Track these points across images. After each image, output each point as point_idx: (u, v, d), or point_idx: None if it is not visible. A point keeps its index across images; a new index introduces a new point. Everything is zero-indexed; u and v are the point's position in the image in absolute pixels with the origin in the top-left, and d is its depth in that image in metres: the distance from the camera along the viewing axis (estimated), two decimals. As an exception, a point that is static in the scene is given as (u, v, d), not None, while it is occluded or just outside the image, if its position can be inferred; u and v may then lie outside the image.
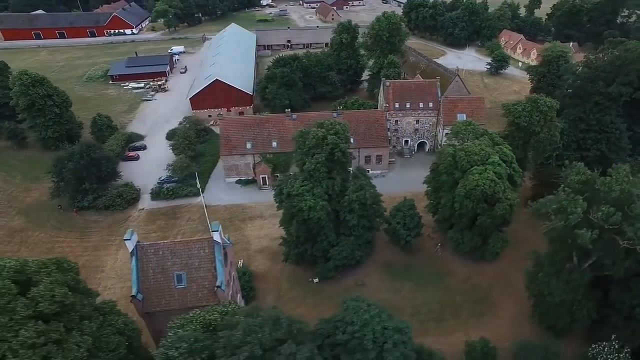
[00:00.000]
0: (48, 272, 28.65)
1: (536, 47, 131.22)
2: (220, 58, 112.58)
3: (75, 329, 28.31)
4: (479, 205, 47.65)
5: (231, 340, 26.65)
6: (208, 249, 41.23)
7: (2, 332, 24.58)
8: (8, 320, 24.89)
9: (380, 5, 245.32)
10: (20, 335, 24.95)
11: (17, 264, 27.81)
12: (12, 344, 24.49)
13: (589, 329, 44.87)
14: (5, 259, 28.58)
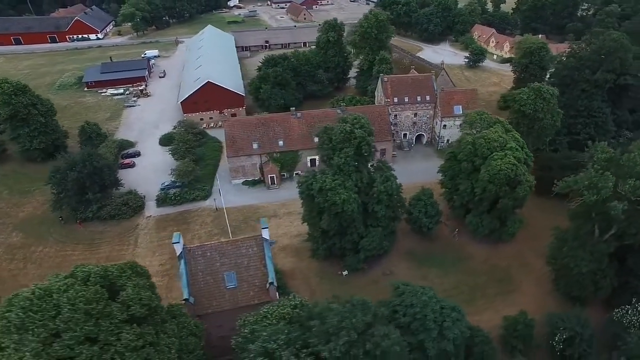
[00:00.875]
0: (128, 276, 28.43)
1: (508, 40, 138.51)
2: (205, 60, 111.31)
3: (160, 332, 28.31)
4: (502, 188, 50.76)
5: (325, 328, 27.61)
6: (257, 247, 41.77)
7: (107, 336, 24.38)
8: (109, 324, 24.72)
9: (348, 4, 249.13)
10: (122, 338, 24.87)
11: (100, 270, 27.51)
12: (117, 347, 24.37)
13: (607, 297, 48.85)
14: (87, 265, 28.13)
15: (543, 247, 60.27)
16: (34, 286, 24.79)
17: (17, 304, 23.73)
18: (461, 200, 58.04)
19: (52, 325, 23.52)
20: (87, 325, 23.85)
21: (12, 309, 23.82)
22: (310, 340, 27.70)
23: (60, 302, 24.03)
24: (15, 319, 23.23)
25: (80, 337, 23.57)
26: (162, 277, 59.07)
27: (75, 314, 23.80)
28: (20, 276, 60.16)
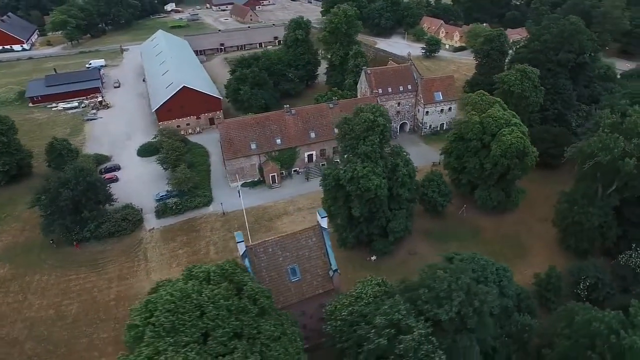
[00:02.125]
0: (241, 271, 28.39)
1: (457, 30, 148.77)
2: (170, 65, 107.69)
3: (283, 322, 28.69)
4: (513, 160, 55.90)
5: (435, 293, 29.73)
6: (316, 237, 42.72)
7: (249, 329, 24.45)
8: (248, 318, 24.80)
9: (290, 3, 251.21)
10: (263, 330, 25.11)
11: (217, 268, 27.24)
12: (262, 340, 24.58)
13: (608, 248, 55.75)
14: (200, 265, 27.74)
15: (542, 213, 67.37)
16: (167, 290, 24.17)
17: (160, 308, 23.07)
18: (469, 177, 62.69)
19: (201, 325, 23.21)
20: (232, 321, 23.82)
21: (156, 314, 23.11)
22: (424, 307, 29.68)
23: (200, 302, 23.71)
24: (166, 322, 22.63)
25: (229, 332, 23.50)
26: (188, 287, 57.22)
27: (220, 311, 23.66)
28: (24, 308, 55.40)
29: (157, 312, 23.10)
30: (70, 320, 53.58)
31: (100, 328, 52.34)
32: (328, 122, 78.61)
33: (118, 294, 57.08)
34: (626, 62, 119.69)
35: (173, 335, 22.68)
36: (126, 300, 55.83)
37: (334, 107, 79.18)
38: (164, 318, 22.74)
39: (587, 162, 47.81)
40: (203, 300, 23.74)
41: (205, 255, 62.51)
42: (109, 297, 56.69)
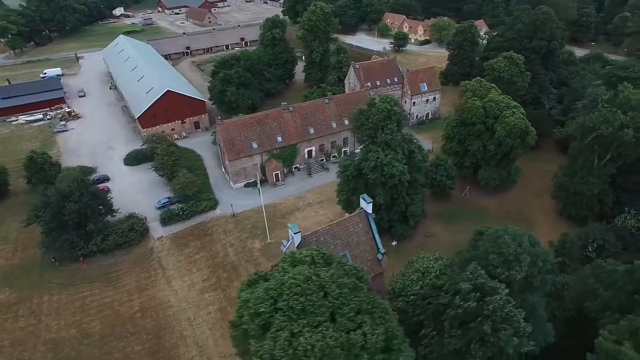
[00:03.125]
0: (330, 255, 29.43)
1: (420, 24, 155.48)
2: (145, 70, 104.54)
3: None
4: (516, 140, 60.51)
5: (504, 258, 32.50)
6: (362, 223, 44.32)
7: (366, 305, 25.70)
8: (363, 294, 26.08)
9: (245, 4, 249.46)
10: (376, 306, 26.48)
11: (317, 252, 28.13)
12: (377, 313, 25.94)
13: (602, 214, 61.82)
14: (300, 251, 28.45)
15: (536, 188, 73.26)
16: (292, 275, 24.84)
17: (287, 292, 23.76)
18: (472, 160, 66.87)
19: (328, 304, 24.15)
20: (353, 298, 25.00)
21: (284, 298, 23.75)
22: (497, 271, 32.34)
23: (322, 283, 24.65)
24: (297, 304, 23.36)
25: (354, 308, 24.66)
26: (217, 290, 56.84)
27: (342, 289, 24.75)
28: (41, 331, 52.48)
29: (284, 296, 23.76)
30: (97, 337, 51.41)
31: (132, 341, 50.71)
32: (325, 118, 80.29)
33: (142, 305, 55.40)
34: (576, 49, 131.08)
35: (304, 317, 23.50)
36: (152, 310, 54.50)
37: (330, 103, 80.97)
38: (293, 301, 23.47)
39: (589, 136, 53.11)
40: (324, 281, 24.68)
41: (225, 258, 62.05)
42: (132, 309, 54.89)
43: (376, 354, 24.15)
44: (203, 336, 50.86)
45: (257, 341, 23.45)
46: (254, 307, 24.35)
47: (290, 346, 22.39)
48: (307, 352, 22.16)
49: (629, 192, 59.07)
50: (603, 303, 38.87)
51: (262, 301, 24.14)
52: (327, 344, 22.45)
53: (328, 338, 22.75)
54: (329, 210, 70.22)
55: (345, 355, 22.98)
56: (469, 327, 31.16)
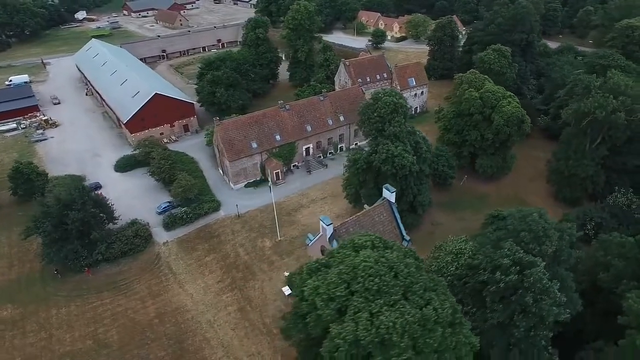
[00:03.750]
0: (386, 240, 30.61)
1: (395, 21, 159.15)
2: (127, 74, 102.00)
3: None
4: (513, 128, 63.73)
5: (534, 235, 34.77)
6: (386, 213, 45.86)
7: (428, 283, 27.02)
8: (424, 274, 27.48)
9: (214, 6, 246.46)
10: (437, 282, 27.94)
11: (375, 237, 29.21)
12: (439, 290, 27.32)
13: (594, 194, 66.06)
14: (357, 237, 29.40)
15: (528, 173, 77.30)
16: (363, 258, 25.79)
17: (362, 274, 24.71)
18: (469, 150, 69.76)
19: (400, 283, 25.30)
20: (420, 277, 26.29)
21: (358, 281, 24.66)
22: (529, 246, 34.54)
23: (390, 264, 25.78)
24: (373, 285, 24.35)
25: (423, 286, 25.93)
26: (233, 290, 56.79)
27: (409, 269, 25.96)
28: (54, 345, 50.89)
29: (358, 279, 24.69)
30: (115, 347, 50.31)
31: (153, 348, 49.98)
32: (321, 115, 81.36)
33: (157, 311, 54.57)
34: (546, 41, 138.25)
35: (379, 297, 24.52)
36: (169, 315, 53.83)
37: (325, 100, 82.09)
38: (369, 283, 24.45)
39: (583, 120, 56.84)
40: (392, 262, 25.80)
41: (237, 258, 61.95)
42: (149, 316, 53.98)
43: (446, 327, 25.50)
44: (227, 337, 50.76)
45: (337, 324, 24.24)
46: (327, 292, 25.12)
47: (373, 325, 23.36)
48: (389, 329, 23.21)
49: (617, 172, 63.51)
50: (617, 273, 41.99)
51: (337, 285, 24.97)
52: (406, 321, 23.60)
53: (406, 315, 23.89)
54: (334, 205, 71.36)
55: (422, 330, 24.19)
56: (511, 300, 33.11)
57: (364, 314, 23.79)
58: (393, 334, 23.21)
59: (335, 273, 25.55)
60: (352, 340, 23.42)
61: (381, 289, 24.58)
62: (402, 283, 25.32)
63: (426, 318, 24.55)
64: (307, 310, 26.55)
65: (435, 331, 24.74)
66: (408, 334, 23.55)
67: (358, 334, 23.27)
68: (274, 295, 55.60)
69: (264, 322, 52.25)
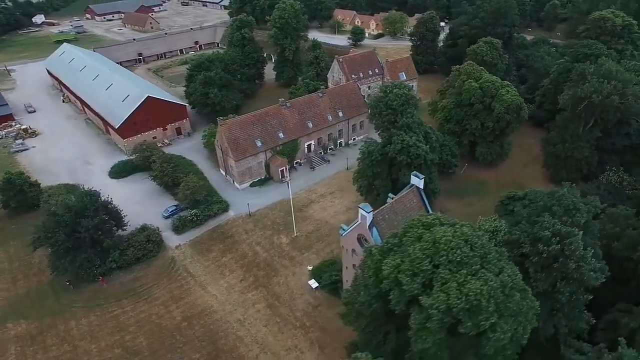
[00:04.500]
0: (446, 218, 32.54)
1: (372, 19, 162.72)
2: (112, 78, 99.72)
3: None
4: (513, 115, 67.57)
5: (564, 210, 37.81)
6: (415, 199, 47.88)
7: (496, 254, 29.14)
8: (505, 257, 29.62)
9: (183, 7, 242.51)
10: (502, 253, 30.10)
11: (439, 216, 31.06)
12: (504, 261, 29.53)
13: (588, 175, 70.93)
14: (423, 217, 31.07)
15: (522, 159, 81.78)
16: (442, 233, 27.56)
17: (445, 248, 26.43)
18: (470, 138, 73.22)
19: (476, 254, 27.21)
20: (492, 248, 28.45)
21: (440, 254, 26.37)
22: (562, 219, 37.48)
23: (465, 237, 27.72)
24: (456, 257, 26.15)
25: (496, 256, 28.06)
26: (258, 288, 57.27)
27: (481, 240, 28.00)
28: (80, 357, 49.73)
29: (441, 252, 26.39)
30: (146, 353, 49.74)
31: (186, 351, 49.74)
32: (321, 111, 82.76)
33: (183, 314, 54.21)
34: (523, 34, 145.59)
35: (462, 268, 26.35)
36: (196, 318, 53.62)
37: (323, 96, 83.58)
38: (452, 255, 26.23)
39: (580, 105, 61.31)
40: (467, 236, 27.72)
41: (255, 257, 62.30)
42: (175, 320, 53.56)
43: (517, 292, 27.71)
44: (260, 334, 51.18)
45: (426, 296, 25.86)
46: (411, 268, 26.67)
47: (462, 294, 25.15)
48: (477, 296, 25.08)
49: (607, 152, 68.57)
50: (631, 241, 45.88)
51: (421, 260, 26.55)
52: (490, 287, 25.55)
53: (489, 282, 25.84)
54: (343, 199, 72.95)
55: (503, 296, 26.24)
56: (553, 268, 35.82)
57: (452, 284, 25.52)
58: (481, 300, 25.10)
59: (418, 249, 27.10)
60: (445, 309, 25.11)
61: (462, 260, 26.41)
62: (478, 254, 27.28)
63: (504, 284, 26.61)
64: (388, 288, 27.96)
65: (513, 296, 26.85)
66: (493, 299, 25.50)
67: (450, 302, 24.99)
68: (301, 289, 56.47)
69: (295, 316, 53.04)
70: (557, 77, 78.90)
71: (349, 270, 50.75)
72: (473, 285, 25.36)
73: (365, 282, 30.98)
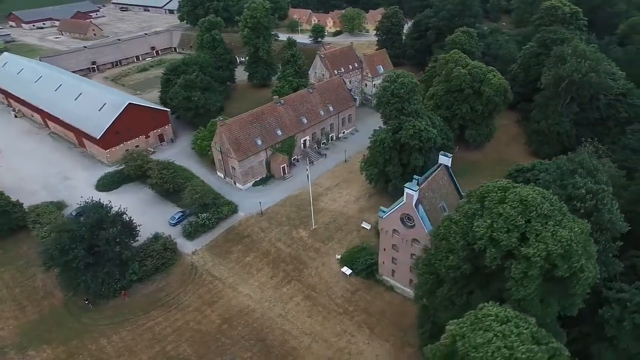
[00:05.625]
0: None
1: (328, 16, 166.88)
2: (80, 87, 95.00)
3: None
4: (500, 97, 74.06)
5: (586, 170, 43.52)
6: (445, 176, 51.87)
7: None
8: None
9: (123, 13, 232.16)
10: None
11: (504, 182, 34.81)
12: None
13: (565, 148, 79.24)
14: (486, 185, 34.66)
15: (504, 138, 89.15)
16: (527, 191, 31.18)
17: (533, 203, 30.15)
18: (459, 122, 79.03)
19: (555, 207, 31.30)
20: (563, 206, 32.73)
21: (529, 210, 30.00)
22: (586, 179, 43.03)
23: (542, 194, 31.66)
24: (544, 210, 29.95)
25: (566, 209, 32.33)
26: (291, 282, 58.44)
27: (554, 197, 32.15)
28: (123, 373, 48.23)
29: (530, 208, 30.09)
30: (195, 358, 49.31)
31: (236, 351, 49.78)
32: (313, 107, 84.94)
33: (221, 317, 54.04)
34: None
35: (548, 220, 30.23)
36: (236, 319, 53.68)
37: (313, 92, 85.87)
38: (541, 209, 30.01)
39: (561, 84, 68.96)
40: (543, 193, 31.70)
41: (279, 252, 63.17)
42: (214, 323, 53.29)
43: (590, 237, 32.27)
44: (306, 325, 52.45)
45: (525, 247, 29.41)
46: (506, 225, 30.10)
47: (557, 241, 28.99)
48: (569, 241, 29.06)
49: (583, 125, 77.30)
50: (632, 197, 53.07)
51: (515, 217, 30.04)
52: (575, 234, 29.67)
53: (574, 229, 29.96)
54: (350, 189, 75.70)
55: (585, 241, 30.55)
56: (590, 221, 41.08)
57: (547, 233, 29.26)
58: (572, 245, 29.10)
59: (509, 208, 30.52)
60: (545, 256, 28.76)
61: (548, 213, 30.28)
62: (556, 207, 31.37)
63: (582, 231, 30.90)
64: (483, 247, 31.12)
65: (590, 241, 31.19)
66: (581, 244, 29.62)
67: (549, 249, 28.68)
68: (335, 277, 58.40)
69: (336, 303, 54.91)
70: (528, 61, 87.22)
71: (386, 252, 53.75)
72: (563, 233, 29.30)
73: (451, 247, 33.95)
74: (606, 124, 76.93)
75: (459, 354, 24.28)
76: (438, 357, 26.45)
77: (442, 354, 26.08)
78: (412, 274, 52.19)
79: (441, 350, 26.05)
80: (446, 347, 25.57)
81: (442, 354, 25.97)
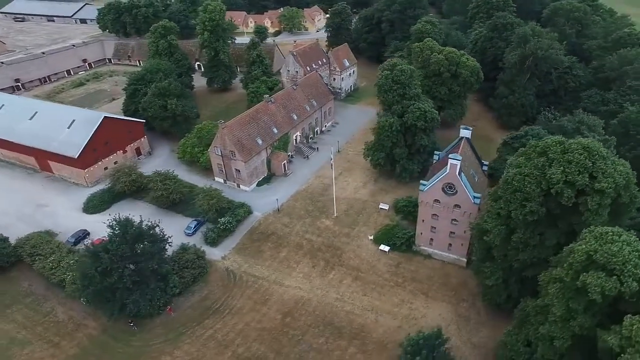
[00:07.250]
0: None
1: (266, 17, 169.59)
2: (32, 105, 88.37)
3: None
4: (475, 77, 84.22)
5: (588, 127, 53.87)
6: (468, 148, 59.48)
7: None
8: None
9: (21, 24, 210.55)
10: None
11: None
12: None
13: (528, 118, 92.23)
14: (533, 147, 42.29)
15: (472, 114, 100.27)
16: (573, 142, 38.98)
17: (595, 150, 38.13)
18: (437, 104, 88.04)
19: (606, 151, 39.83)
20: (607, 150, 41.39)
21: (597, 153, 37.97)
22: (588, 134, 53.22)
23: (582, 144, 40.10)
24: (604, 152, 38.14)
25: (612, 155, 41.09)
26: (334, 268, 61.92)
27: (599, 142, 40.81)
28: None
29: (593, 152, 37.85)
30: (273, 355, 50.73)
31: (309, 340, 51.99)
32: (299, 103, 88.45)
33: (281, 312, 55.80)
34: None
35: (607, 161, 38.33)
36: (296, 310, 55.97)
37: (297, 89, 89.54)
38: (601, 152, 38.05)
39: (526, 61, 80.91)
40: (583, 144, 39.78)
41: (311, 243, 66.03)
42: (276, 320, 54.93)
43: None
44: (365, 302, 56.44)
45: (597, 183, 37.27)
46: (578, 168, 37.35)
47: (620, 175, 37.28)
48: (627, 175, 37.57)
49: (540, 97, 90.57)
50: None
51: (584, 161, 37.29)
52: (628, 168, 38.42)
53: (626, 166, 38.63)
54: (355, 176, 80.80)
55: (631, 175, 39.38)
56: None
57: (611, 170, 37.21)
58: (630, 177, 37.71)
59: (577, 154, 37.93)
60: (614, 188, 36.81)
61: (605, 155, 38.43)
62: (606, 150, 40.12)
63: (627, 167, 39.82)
64: (560, 190, 38.30)
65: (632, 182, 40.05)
66: (623, 184, 38.36)
67: (617, 182, 36.70)
68: (374, 256, 63.11)
69: (384, 278, 59.71)
70: (482, 44, 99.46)
71: (425, 222, 59.88)
72: (621, 168, 37.76)
73: (526, 196, 40.76)
74: (557, 93, 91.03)
75: (600, 264, 30.98)
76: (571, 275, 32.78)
77: (575, 270, 32.54)
78: (451, 238, 59.18)
79: (575, 267, 32.50)
80: (580, 264, 32.15)
81: (576, 270, 32.43)
